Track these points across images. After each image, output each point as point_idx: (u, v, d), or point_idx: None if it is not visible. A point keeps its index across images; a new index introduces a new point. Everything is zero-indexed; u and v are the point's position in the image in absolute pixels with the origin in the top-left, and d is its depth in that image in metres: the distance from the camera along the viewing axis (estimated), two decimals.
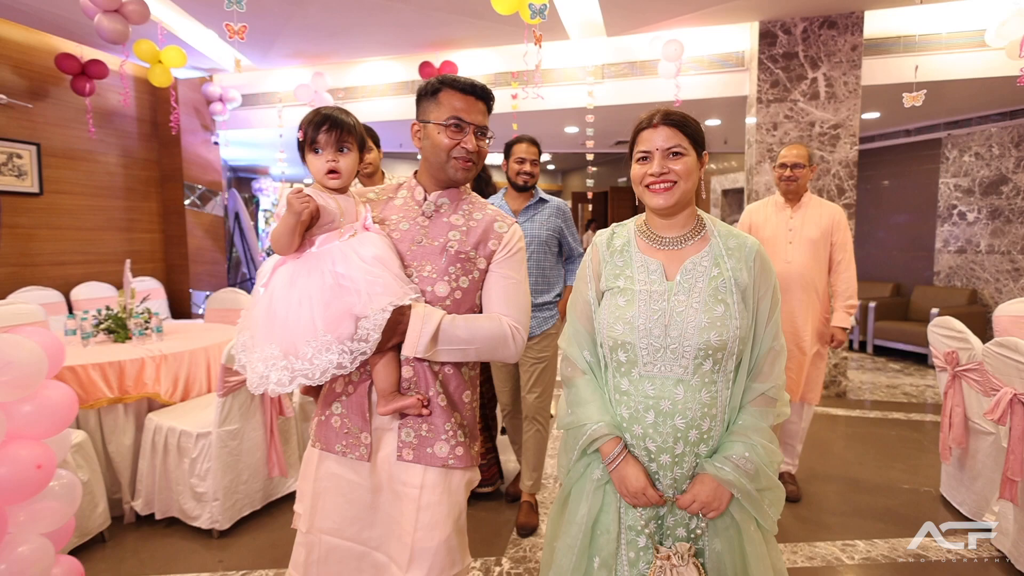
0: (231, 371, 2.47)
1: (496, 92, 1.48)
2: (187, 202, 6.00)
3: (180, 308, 6.03)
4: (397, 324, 1.23)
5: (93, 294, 5.12)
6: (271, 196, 8.30)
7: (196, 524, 2.53)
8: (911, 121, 6.30)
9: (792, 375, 2.72)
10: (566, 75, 4.96)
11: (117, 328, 3.04)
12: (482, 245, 1.35)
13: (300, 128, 1.32)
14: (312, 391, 1.43)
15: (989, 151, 5.81)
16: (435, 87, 1.33)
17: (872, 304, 6.13)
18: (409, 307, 1.24)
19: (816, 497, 2.85)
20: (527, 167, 2.57)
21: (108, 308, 3.12)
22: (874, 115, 5.76)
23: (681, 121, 1.25)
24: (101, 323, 3.05)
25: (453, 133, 1.31)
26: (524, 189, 2.59)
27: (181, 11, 4.43)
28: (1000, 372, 2.16)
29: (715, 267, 1.24)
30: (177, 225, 6.06)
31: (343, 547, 1.32)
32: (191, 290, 6.04)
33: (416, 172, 1.45)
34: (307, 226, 1.25)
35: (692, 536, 1.24)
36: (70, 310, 4.97)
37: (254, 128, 6.18)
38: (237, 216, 6.50)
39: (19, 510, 1.58)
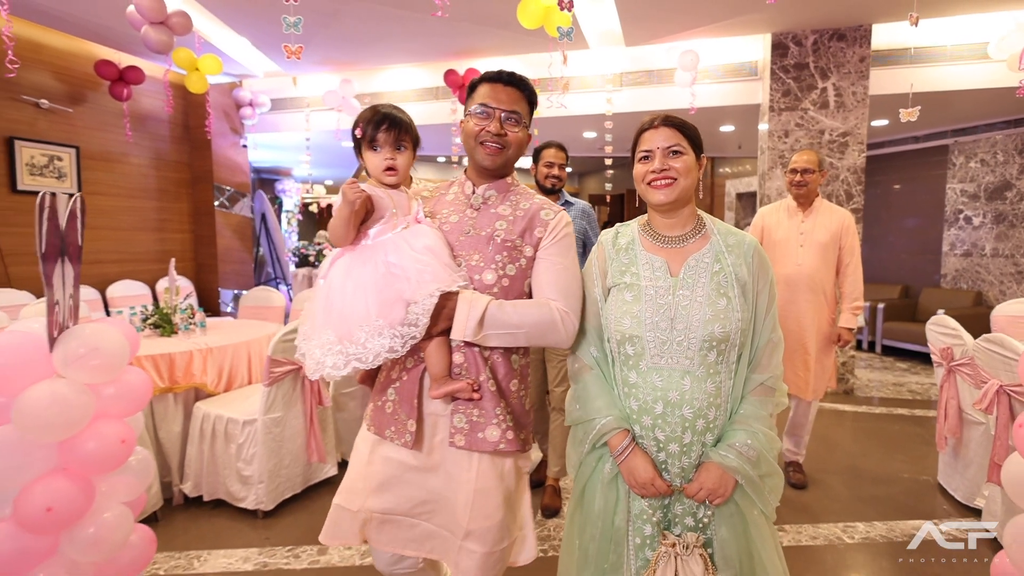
0: (277, 362, 2.67)
1: None
2: (216, 203, 6.22)
3: (209, 306, 6.25)
4: (444, 309, 1.27)
5: (128, 292, 5.34)
6: (294, 197, 8.54)
7: (242, 505, 2.72)
8: (919, 128, 6.42)
9: (800, 373, 2.86)
10: (585, 82, 5.14)
11: (163, 323, 3.24)
12: (528, 233, 1.37)
13: (357, 125, 1.38)
14: (368, 379, 1.50)
15: (994, 158, 5.93)
16: (472, 84, 1.41)
17: (881, 305, 6.26)
18: (457, 293, 1.27)
19: (822, 485, 3.01)
20: (555, 171, 2.74)
21: (151, 305, 3.33)
22: (883, 122, 5.89)
23: (680, 123, 1.31)
24: (148, 318, 3.26)
25: (479, 120, 1.35)
26: (551, 192, 2.76)
27: (216, 19, 4.65)
28: (988, 366, 2.33)
29: (716, 263, 1.29)
30: (207, 225, 6.29)
31: (395, 520, 1.38)
32: (219, 289, 6.26)
33: (466, 168, 1.51)
34: (361, 218, 1.31)
35: (700, 525, 1.28)
36: (106, 307, 5.20)
37: (282, 132, 6.39)
38: (264, 217, 6.71)
39: (103, 481, 1.77)
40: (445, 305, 1.27)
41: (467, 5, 4.03)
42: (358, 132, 1.37)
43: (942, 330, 2.69)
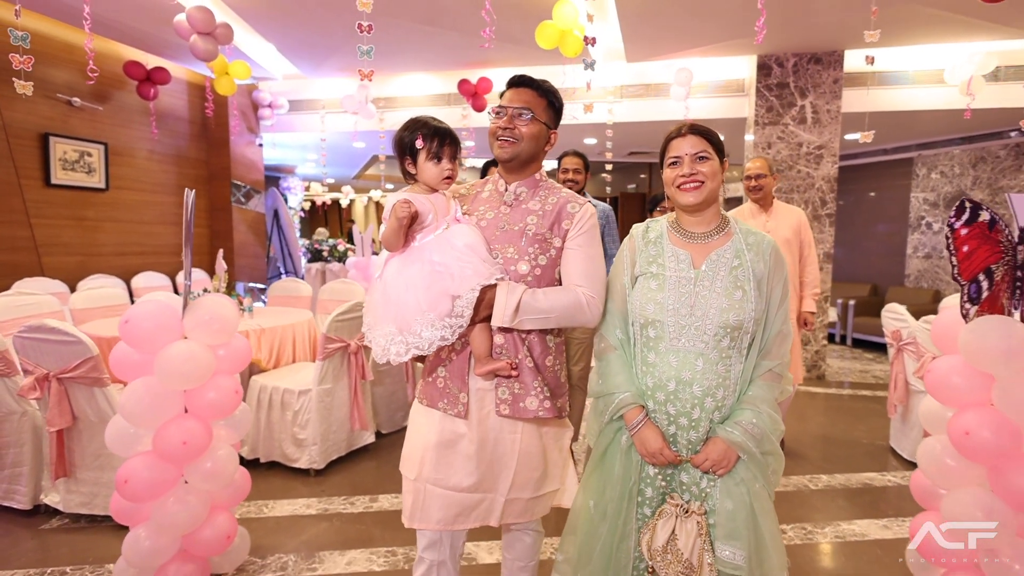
0: (330, 339, 3.03)
1: None
2: (233, 200, 6.50)
3: None
4: (485, 300, 1.39)
5: (151, 283, 5.53)
6: (298, 195, 8.84)
7: (295, 465, 3.07)
8: (888, 142, 7.00)
9: None
10: (588, 94, 5.58)
11: None
12: (556, 225, 1.47)
13: (415, 136, 1.48)
14: (421, 357, 1.61)
15: (952, 170, 6.54)
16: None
17: (852, 302, 6.82)
18: (495, 285, 1.40)
19: (795, 449, 3.51)
20: (570, 175, 3.12)
21: (205, 290, 3.66)
22: (855, 136, 6.43)
23: (705, 131, 1.41)
24: None
25: (495, 119, 1.49)
26: None
27: (248, 27, 4.97)
28: (927, 342, 2.81)
29: (736, 259, 1.39)
30: (223, 221, 6.55)
31: (445, 495, 1.47)
32: (235, 282, 6.54)
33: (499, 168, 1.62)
34: (408, 226, 1.44)
35: (702, 494, 1.39)
36: (131, 298, 5.45)
37: (297, 132, 6.70)
38: (276, 213, 6.99)
39: (218, 425, 2.12)
40: (485, 296, 1.39)
41: (484, 21, 4.43)
42: (419, 143, 1.48)
43: (892, 315, 3.20)
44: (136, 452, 1.95)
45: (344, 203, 13.04)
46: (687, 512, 1.35)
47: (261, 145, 6.85)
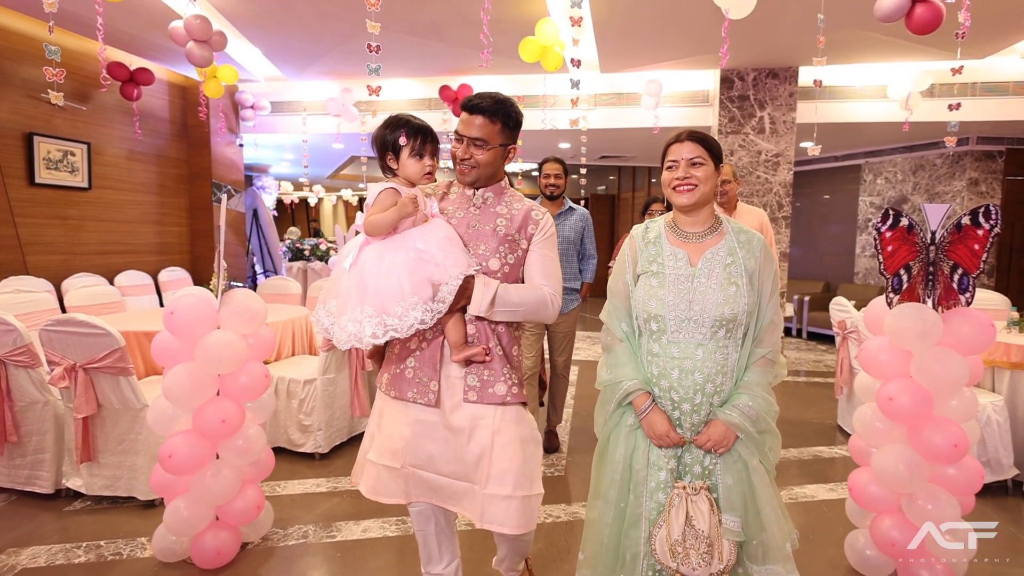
0: None
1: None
2: (214, 199, 6.58)
3: None
4: (465, 289, 1.48)
5: (133, 281, 5.58)
6: (273, 194, 8.91)
7: (300, 450, 3.28)
8: (838, 150, 7.56)
9: None
10: (564, 101, 5.89)
11: None
12: (523, 229, 1.58)
13: (398, 134, 1.55)
14: (376, 355, 1.71)
15: (895, 176, 7.13)
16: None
17: (807, 298, 7.34)
18: (473, 276, 1.49)
19: None
20: (551, 180, 3.40)
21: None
22: (809, 144, 6.94)
23: (702, 138, 1.50)
24: None
25: (455, 143, 1.59)
26: (552, 198, 3.46)
27: (237, 32, 5.10)
28: (866, 330, 3.21)
29: (729, 256, 1.49)
30: (204, 220, 6.61)
31: (430, 479, 1.56)
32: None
33: None
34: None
35: (706, 472, 1.48)
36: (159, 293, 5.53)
37: (278, 133, 6.82)
38: (256, 212, 7.09)
39: (248, 407, 2.32)
40: (467, 286, 1.48)
41: (467, 33, 4.69)
42: (402, 140, 1.55)
43: (838, 308, 3.62)
44: (175, 431, 2.17)
45: (312, 202, 13.08)
46: (696, 490, 1.44)
47: (242, 146, 6.94)
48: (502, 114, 1.55)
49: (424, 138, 1.56)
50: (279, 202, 12.12)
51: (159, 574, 2.17)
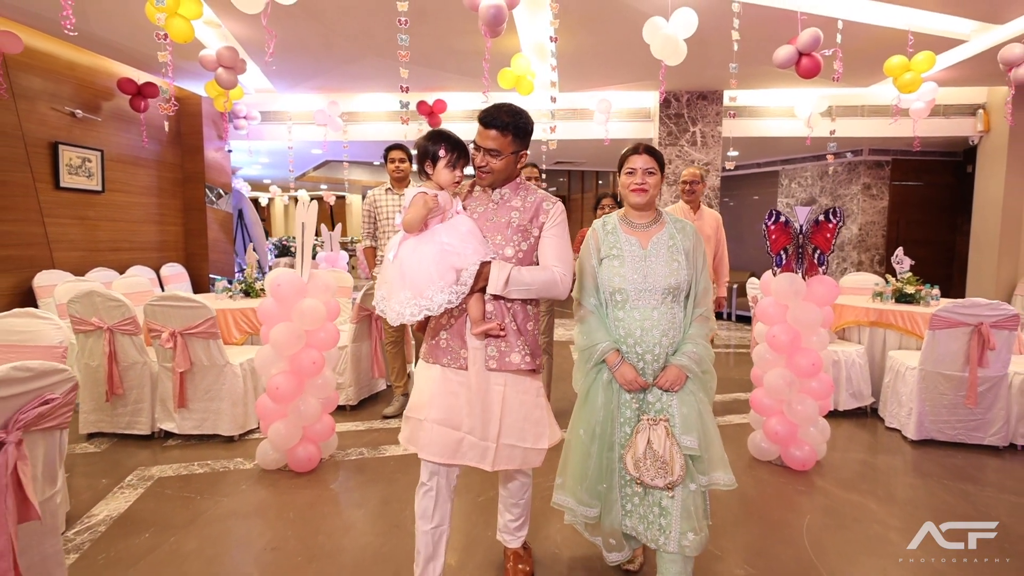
0: (363, 308, 4.05)
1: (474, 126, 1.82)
2: (206, 200, 7.14)
3: (200, 290, 7.14)
4: (483, 273, 1.70)
5: (141, 275, 6.12)
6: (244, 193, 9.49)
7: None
8: (760, 158, 8.83)
9: None
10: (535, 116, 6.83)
11: (251, 290, 4.45)
12: (535, 219, 1.79)
13: (442, 147, 1.74)
14: (422, 329, 1.94)
15: (806, 181, 8.44)
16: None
17: (735, 286, 8.55)
18: (490, 262, 1.72)
19: None
20: (532, 181, 4.32)
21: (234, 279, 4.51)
22: (735, 154, 8.15)
23: (654, 152, 1.85)
24: (241, 287, 4.45)
25: (474, 152, 1.80)
26: None
27: (244, 53, 5.75)
28: None
29: (671, 240, 1.85)
30: (197, 220, 7.15)
31: (447, 433, 1.77)
32: (211, 275, 7.18)
33: None
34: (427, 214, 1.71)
35: (664, 407, 1.79)
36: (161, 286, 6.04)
37: (266, 141, 7.45)
38: (240, 212, 7.64)
39: (325, 355, 3.09)
40: (483, 270, 1.71)
41: (446, 57, 5.52)
42: (442, 152, 1.75)
43: (752, 286, 4.69)
44: (274, 372, 2.95)
45: (263, 202, 13.52)
46: (655, 422, 1.77)
47: (230, 151, 7.52)
48: (513, 127, 1.74)
49: (459, 153, 1.78)
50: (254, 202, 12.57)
51: (263, 477, 2.95)
